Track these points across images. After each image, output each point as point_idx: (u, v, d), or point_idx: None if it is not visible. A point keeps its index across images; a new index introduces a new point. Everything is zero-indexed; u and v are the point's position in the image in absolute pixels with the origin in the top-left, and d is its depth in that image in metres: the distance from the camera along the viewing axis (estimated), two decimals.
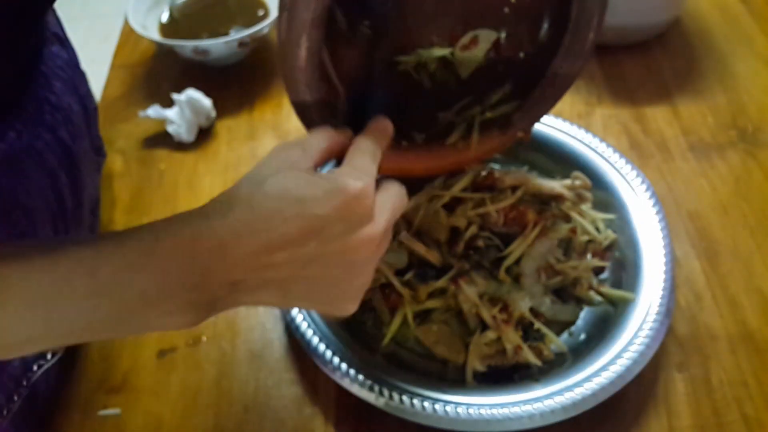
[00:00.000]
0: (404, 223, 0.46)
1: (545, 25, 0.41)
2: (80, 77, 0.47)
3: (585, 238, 0.47)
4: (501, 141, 0.44)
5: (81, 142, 0.44)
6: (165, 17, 0.65)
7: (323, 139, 0.33)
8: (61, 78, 0.42)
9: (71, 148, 0.42)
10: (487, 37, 0.41)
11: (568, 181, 0.50)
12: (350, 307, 0.33)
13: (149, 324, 0.29)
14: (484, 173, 0.47)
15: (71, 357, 0.45)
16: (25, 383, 0.39)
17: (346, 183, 0.29)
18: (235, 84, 0.64)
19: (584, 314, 0.45)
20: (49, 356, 0.41)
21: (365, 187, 0.30)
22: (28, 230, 0.37)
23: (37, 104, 0.39)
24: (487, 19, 0.40)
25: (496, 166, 0.49)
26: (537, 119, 0.44)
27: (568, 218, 0.48)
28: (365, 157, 0.32)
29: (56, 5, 0.46)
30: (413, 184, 0.47)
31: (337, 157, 0.33)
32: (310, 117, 0.36)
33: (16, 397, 0.38)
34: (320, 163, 0.32)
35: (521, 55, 0.41)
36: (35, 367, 0.40)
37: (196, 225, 0.28)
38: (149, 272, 0.27)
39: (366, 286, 0.32)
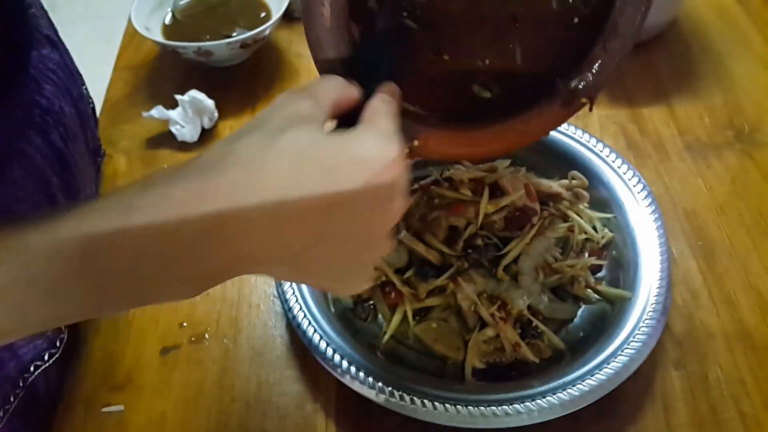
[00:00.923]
0: (403, 222, 0.46)
1: None
2: (73, 79, 0.47)
3: (582, 236, 0.48)
4: (563, 114, 0.40)
5: (75, 144, 0.44)
6: (168, 19, 0.66)
7: (335, 88, 0.28)
8: (51, 81, 0.42)
9: (63, 151, 0.41)
10: None
11: (565, 181, 0.50)
12: (363, 285, 0.30)
13: (135, 302, 0.26)
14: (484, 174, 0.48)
15: (75, 355, 0.45)
16: (21, 384, 0.39)
17: (378, 150, 0.25)
18: (238, 85, 0.64)
19: (582, 312, 0.45)
20: (46, 357, 0.41)
21: (397, 156, 0.26)
22: None
23: (27, 108, 0.39)
24: None
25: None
26: (602, 85, 0.39)
27: (565, 217, 0.48)
28: (390, 120, 0.28)
29: (58, 6, 0.47)
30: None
31: (345, 113, 0.29)
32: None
33: (12, 398, 0.38)
34: (332, 117, 0.28)
35: (575, 20, 0.38)
36: (32, 368, 0.40)
37: (184, 187, 0.23)
38: (118, 252, 0.23)
39: (378, 262, 0.30)
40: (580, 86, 0.39)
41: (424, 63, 0.38)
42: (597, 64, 0.39)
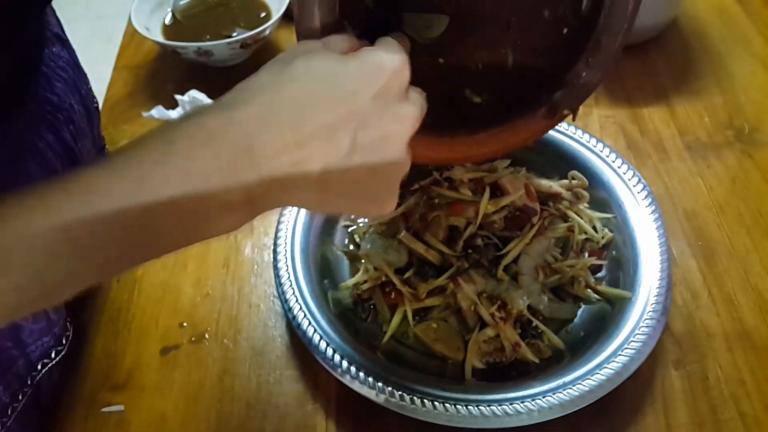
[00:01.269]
0: (403, 222, 0.47)
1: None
2: (81, 77, 0.47)
3: (582, 236, 0.48)
4: (546, 125, 0.42)
5: (83, 141, 0.44)
6: (168, 19, 0.66)
7: (344, 40, 0.30)
8: (62, 78, 0.43)
9: (73, 148, 0.42)
10: None
11: (565, 181, 0.50)
12: (390, 203, 0.30)
13: (187, 237, 0.26)
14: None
15: (75, 355, 0.45)
16: (29, 382, 0.40)
17: (382, 57, 0.27)
18: None
19: (582, 312, 0.46)
20: (53, 354, 0.42)
21: (403, 61, 0.28)
22: None
23: (39, 105, 0.39)
24: (523, 2, 0.39)
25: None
26: (585, 97, 0.41)
27: (565, 217, 0.48)
28: (393, 43, 0.29)
29: (60, 6, 0.47)
30: (409, 182, 0.48)
31: None
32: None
33: (20, 396, 0.39)
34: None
35: (564, 31, 0.40)
36: (39, 366, 0.41)
37: (215, 119, 0.25)
38: (168, 182, 0.24)
39: (401, 176, 0.30)
40: (565, 99, 0.40)
41: (418, 66, 0.39)
42: (580, 78, 0.40)
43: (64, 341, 0.43)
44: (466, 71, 0.40)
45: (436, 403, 0.38)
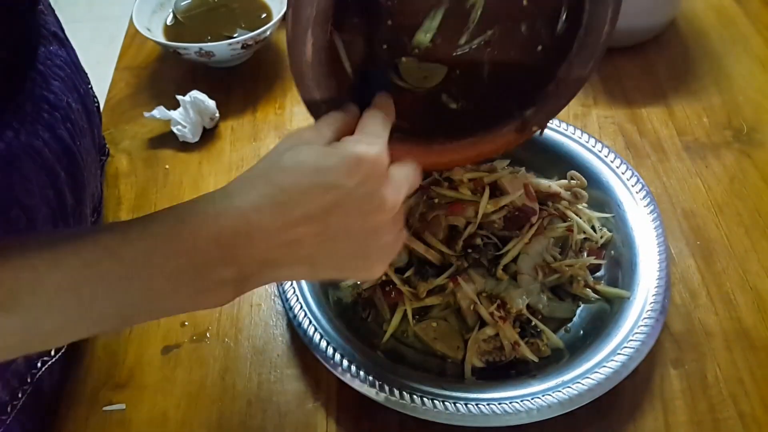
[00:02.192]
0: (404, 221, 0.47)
1: (563, 19, 0.40)
2: (80, 76, 0.47)
3: (581, 236, 0.48)
4: (516, 138, 0.44)
5: (82, 140, 0.44)
6: (169, 19, 0.66)
7: (334, 120, 0.34)
8: (59, 77, 0.43)
9: (71, 146, 0.42)
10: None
11: (564, 181, 0.51)
12: (379, 269, 0.34)
13: (181, 305, 0.30)
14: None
15: (76, 353, 0.45)
16: (29, 380, 0.40)
17: (360, 150, 0.30)
18: (239, 85, 0.64)
19: (581, 311, 0.46)
20: (52, 352, 0.42)
21: (380, 152, 0.31)
22: (27, 228, 0.37)
23: (35, 103, 0.39)
24: (505, 14, 0.40)
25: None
26: (552, 115, 0.44)
27: (564, 217, 0.49)
28: (376, 123, 0.33)
29: (61, 7, 0.47)
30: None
31: (350, 134, 0.35)
32: (320, 113, 0.36)
33: (20, 394, 0.39)
34: (334, 141, 0.33)
35: (539, 48, 0.41)
36: (39, 364, 0.41)
37: (219, 204, 0.29)
38: (174, 254, 0.28)
39: (393, 246, 0.33)
40: (535, 117, 0.43)
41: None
42: (550, 100, 0.42)
43: None
44: (444, 77, 0.41)
45: (435, 401, 0.39)
